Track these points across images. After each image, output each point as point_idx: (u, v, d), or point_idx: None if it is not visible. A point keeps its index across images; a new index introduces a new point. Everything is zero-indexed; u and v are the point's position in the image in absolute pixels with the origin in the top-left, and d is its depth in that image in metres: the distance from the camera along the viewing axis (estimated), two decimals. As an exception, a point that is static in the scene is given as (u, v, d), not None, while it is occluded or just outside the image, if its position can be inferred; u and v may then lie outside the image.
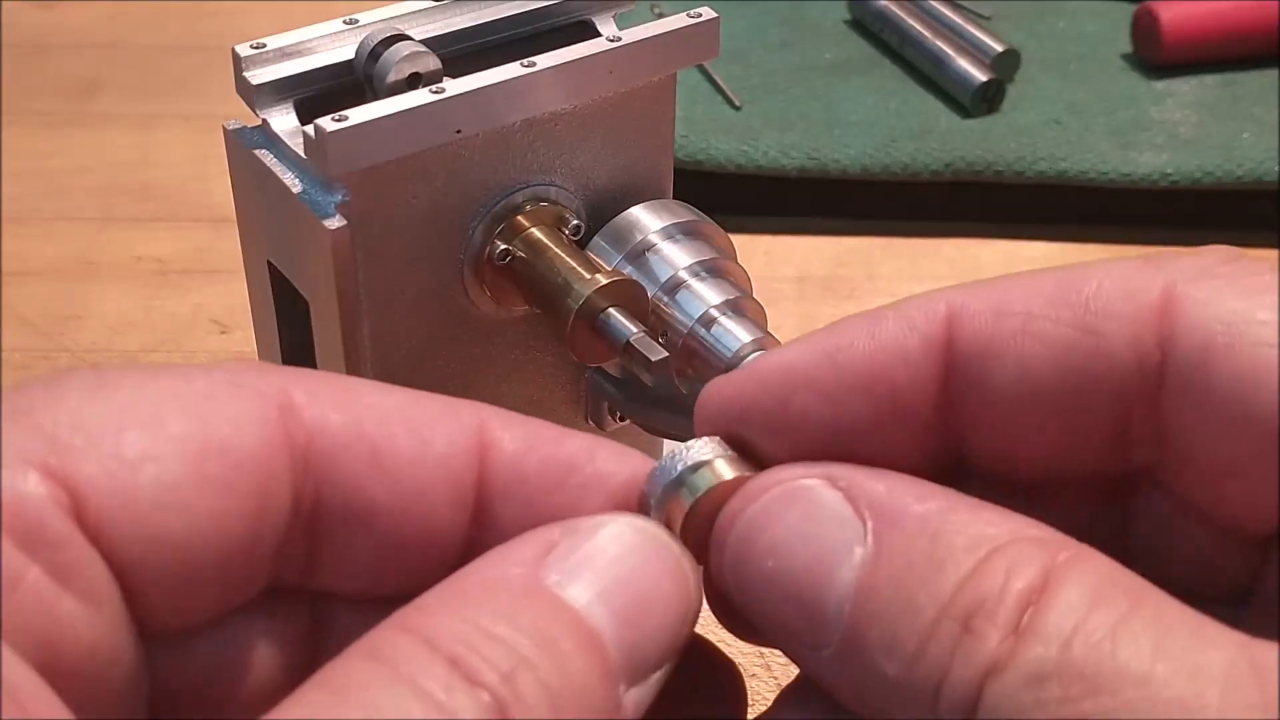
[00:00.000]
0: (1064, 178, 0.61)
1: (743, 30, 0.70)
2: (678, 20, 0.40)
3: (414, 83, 0.38)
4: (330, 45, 0.39)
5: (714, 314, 0.40)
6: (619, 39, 0.39)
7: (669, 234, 0.41)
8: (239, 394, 0.24)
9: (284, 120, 0.38)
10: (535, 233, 0.39)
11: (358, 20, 0.39)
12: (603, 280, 0.38)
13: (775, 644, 0.25)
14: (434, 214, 0.38)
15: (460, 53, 0.40)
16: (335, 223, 0.36)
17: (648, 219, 0.41)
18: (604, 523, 0.24)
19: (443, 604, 0.23)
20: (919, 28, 0.68)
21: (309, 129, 0.35)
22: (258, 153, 0.38)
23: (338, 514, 0.25)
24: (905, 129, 0.63)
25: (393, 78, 0.38)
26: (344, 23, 0.39)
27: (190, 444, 0.23)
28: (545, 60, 0.38)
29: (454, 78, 0.37)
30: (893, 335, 0.25)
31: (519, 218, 0.40)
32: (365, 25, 0.39)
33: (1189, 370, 0.23)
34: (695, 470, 0.25)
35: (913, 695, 0.22)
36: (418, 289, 0.39)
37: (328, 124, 0.35)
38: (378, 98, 0.37)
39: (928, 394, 0.25)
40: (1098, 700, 0.21)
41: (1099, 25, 0.72)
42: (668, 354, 0.38)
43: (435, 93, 0.36)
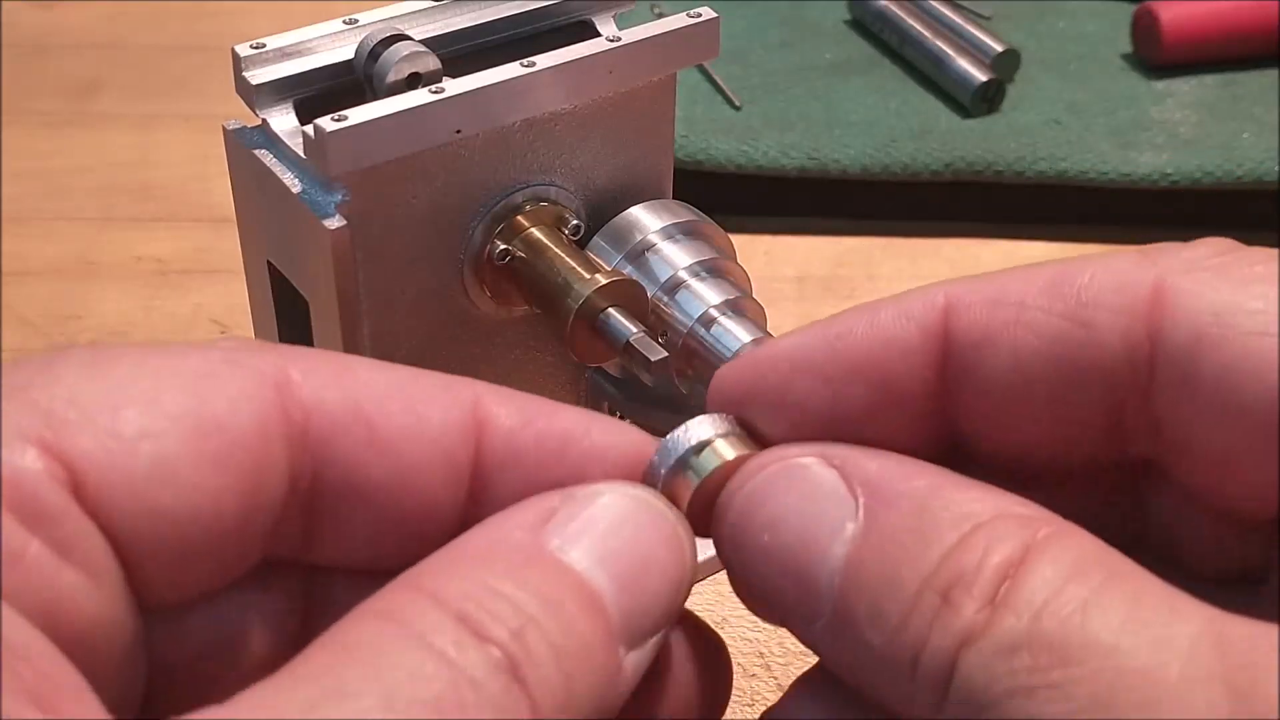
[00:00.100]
0: (1064, 178, 0.61)
1: (743, 30, 0.70)
2: (678, 20, 0.40)
3: (414, 83, 0.38)
4: (330, 45, 0.39)
5: (714, 314, 0.40)
6: (619, 39, 0.39)
7: (669, 234, 0.41)
8: (236, 372, 0.24)
9: (284, 120, 0.38)
10: (535, 233, 0.39)
11: (357, 20, 0.39)
12: (603, 280, 0.38)
13: (775, 618, 0.25)
14: (434, 214, 0.38)
15: (460, 53, 0.40)
16: (335, 223, 0.36)
17: (648, 219, 0.41)
18: (601, 490, 0.25)
19: (449, 565, 0.23)
20: (919, 28, 0.68)
21: (309, 129, 0.35)
22: (258, 153, 0.38)
23: (335, 490, 0.25)
24: (905, 129, 0.63)
25: (392, 78, 0.38)
26: (344, 23, 0.39)
27: (187, 421, 0.23)
28: (545, 60, 0.38)
29: (454, 78, 0.37)
30: (891, 324, 0.26)
31: (519, 218, 0.40)
32: (365, 25, 0.39)
33: (1180, 362, 0.24)
34: (699, 449, 0.26)
35: (894, 665, 0.23)
36: (418, 289, 0.39)
37: (327, 124, 0.35)
38: (378, 98, 0.37)
39: (924, 382, 0.26)
40: (1065, 670, 0.21)
41: (1099, 25, 0.72)
42: (668, 354, 0.38)
43: (435, 93, 0.36)
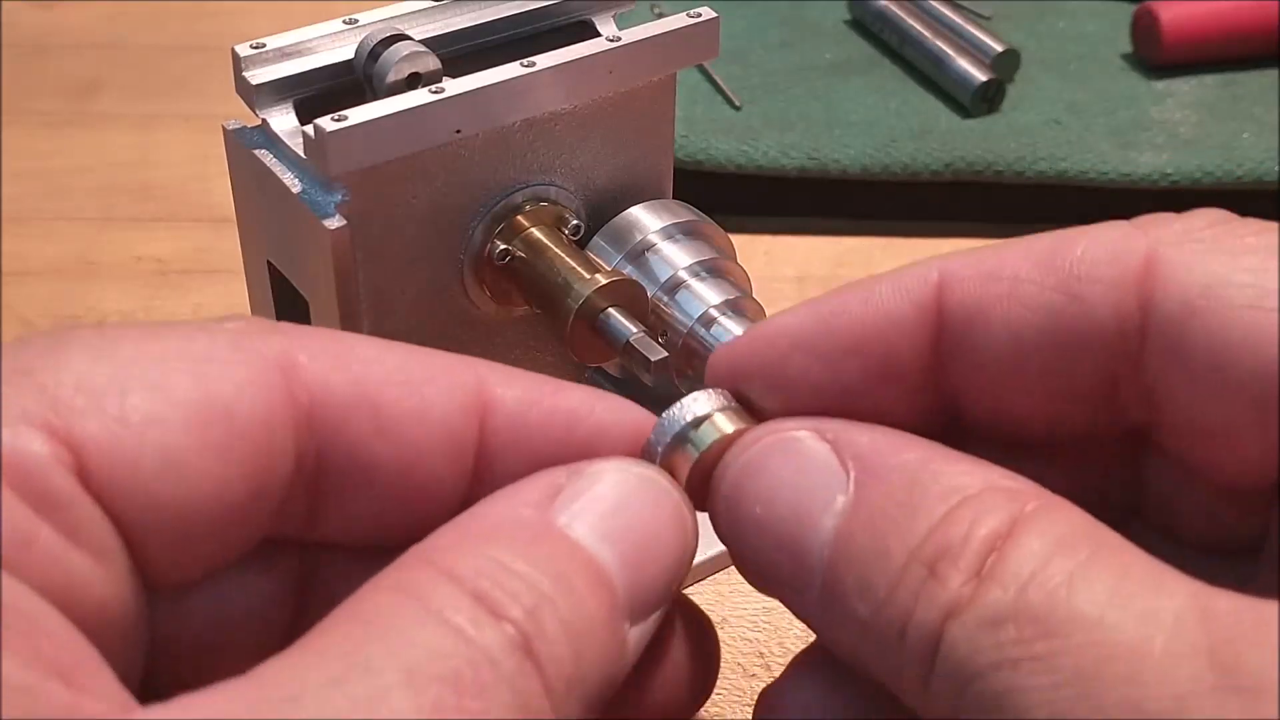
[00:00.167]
0: (1064, 178, 0.61)
1: (743, 30, 0.70)
2: (678, 20, 0.40)
3: (414, 83, 0.38)
4: (330, 45, 0.39)
5: (714, 314, 0.40)
6: (619, 39, 0.39)
7: (669, 234, 0.41)
8: (241, 357, 0.24)
9: (284, 120, 0.38)
10: (535, 233, 0.39)
11: (357, 20, 0.39)
12: (603, 280, 0.38)
13: (769, 589, 0.26)
14: (434, 214, 0.38)
15: (460, 53, 0.40)
16: (335, 223, 0.36)
17: (648, 219, 0.41)
18: (606, 468, 0.25)
19: (461, 541, 0.23)
20: (919, 28, 0.68)
21: (309, 129, 0.35)
22: (258, 153, 0.38)
23: (340, 472, 0.25)
24: (905, 129, 0.63)
25: (392, 78, 0.38)
26: (344, 23, 0.39)
27: (193, 408, 0.23)
28: (545, 60, 0.38)
29: (454, 78, 0.37)
30: (886, 300, 0.26)
31: (519, 218, 0.40)
32: (365, 25, 0.39)
33: (1170, 334, 0.24)
34: (698, 424, 0.27)
35: (882, 636, 0.23)
36: (418, 289, 0.39)
37: (327, 124, 0.35)
38: (378, 98, 0.37)
39: (919, 356, 0.26)
40: (1049, 643, 0.21)
41: (1099, 25, 0.72)
42: (668, 354, 0.38)
43: (435, 93, 0.36)
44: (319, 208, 0.36)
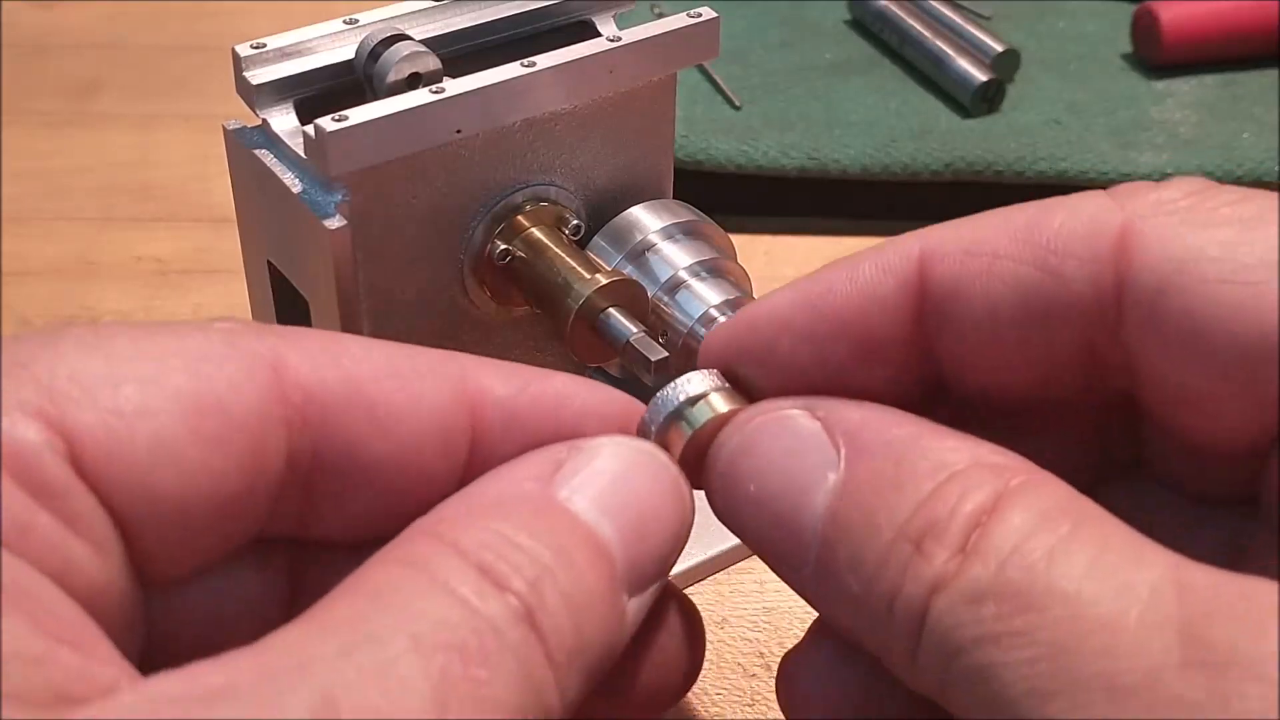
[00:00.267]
0: (1064, 178, 0.61)
1: (743, 30, 0.70)
2: (678, 20, 0.40)
3: (414, 83, 0.38)
4: (330, 45, 0.39)
5: (714, 314, 0.40)
6: (619, 39, 0.39)
7: (669, 234, 0.41)
8: (234, 353, 0.24)
9: (284, 120, 0.38)
10: (535, 233, 0.39)
11: (358, 20, 0.39)
12: (603, 280, 0.38)
13: (767, 563, 0.26)
14: (434, 214, 0.38)
15: (460, 53, 0.40)
16: (335, 223, 0.36)
17: (648, 219, 0.41)
18: (605, 443, 0.26)
19: (465, 515, 0.24)
20: (919, 28, 0.68)
21: (309, 129, 0.35)
22: (258, 153, 0.38)
23: (335, 468, 0.25)
24: (905, 129, 0.63)
25: (393, 78, 0.38)
26: (344, 23, 0.39)
27: (187, 401, 0.23)
28: (545, 60, 0.38)
29: (454, 78, 0.37)
30: (870, 279, 0.26)
31: (519, 218, 0.40)
32: (365, 25, 0.39)
33: (1144, 308, 0.24)
34: (693, 402, 0.27)
35: (872, 611, 0.24)
36: (418, 289, 0.39)
37: (328, 124, 0.35)
38: (378, 98, 0.37)
39: (904, 333, 0.26)
40: (1027, 618, 0.21)
41: (1099, 25, 0.72)
42: (668, 354, 0.38)
43: (435, 93, 0.36)
44: (319, 208, 0.36)
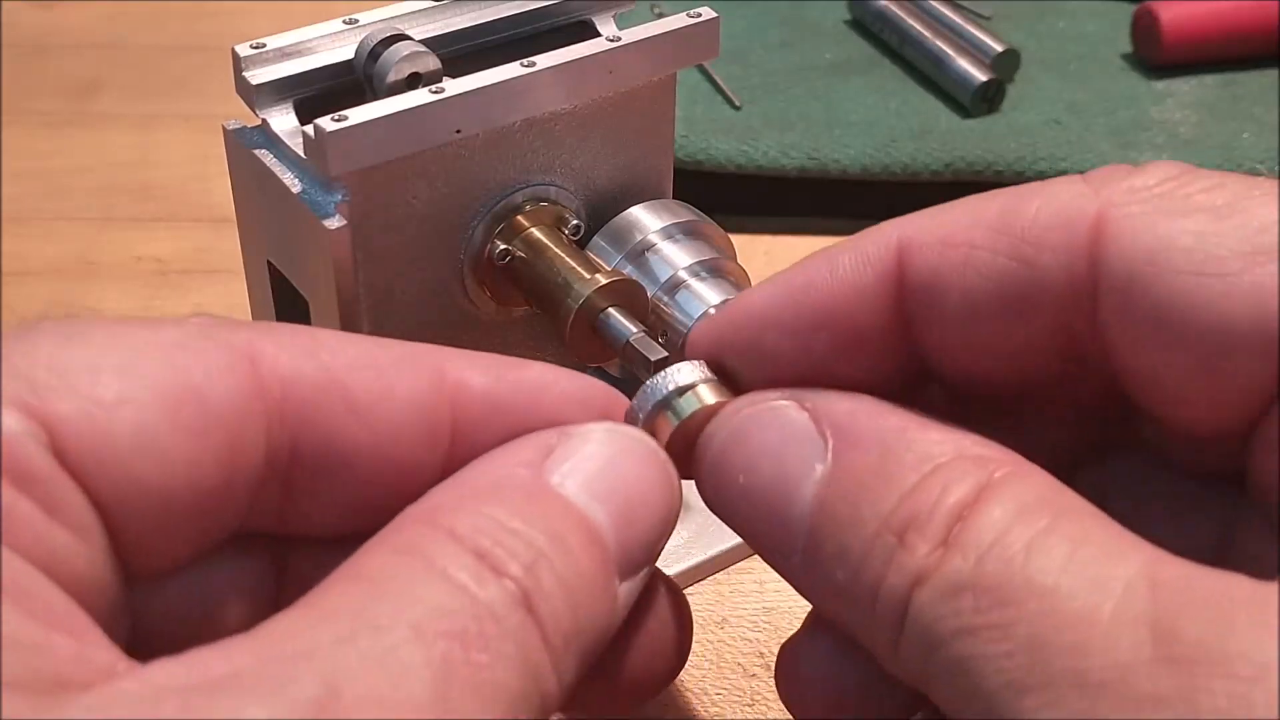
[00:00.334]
0: (1064, 178, 0.61)
1: (743, 30, 0.70)
2: (678, 20, 0.40)
3: (414, 83, 0.38)
4: (330, 45, 0.39)
5: (713, 314, 0.40)
6: (619, 39, 0.39)
7: (669, 234, 0.41)
8: (211, 345, 0.24)
9: (284, 120, 0.38)
10: (535, 233, 0.39)
11: (358, 20, 0.39)
12: (603, 280, 0.38)
13: (759, 553, 0.27)
14: (434, 214, 0.38)
15: (460, 53, 0.40)
16: (335, 223, 0.36)
17: (648, 219, 0.41)
18: (595, 429, 0.26)
19: (459, 501, 0.24)
20: (919, 28, 0.68)
21: (309, 129, 0.35)
22: (258, 153, 0.38)
23: (315, 460, 0.25)
24: (905, 129, 0.63)
25: (393, 78, 0.38)
26: (344, 23, 0.39)
27: (165, 390, 0.23)
28: (545, 60, 0.38)
29: (454, 78, 0.37)
30: (849, 272, 0.27)
31: (519, 218, 0.40)
32: (365, 25, 0.39)
33: (1118, 298, 0.24)
34: (681, 393, 0.28)
35: (856, 601, 0.24)
36: (418, 289, 0.39)
37: (328, 124, 0.35)
38: (378, 98, 0.37)
39: (885, 323, 0.27)
40: (1004, 611, 0.22)
41: (1099, 25, 0.72)
42: (668, 354, 0.38)
43: (435, 93, 0.36)
44: (319, 208, 0.36)
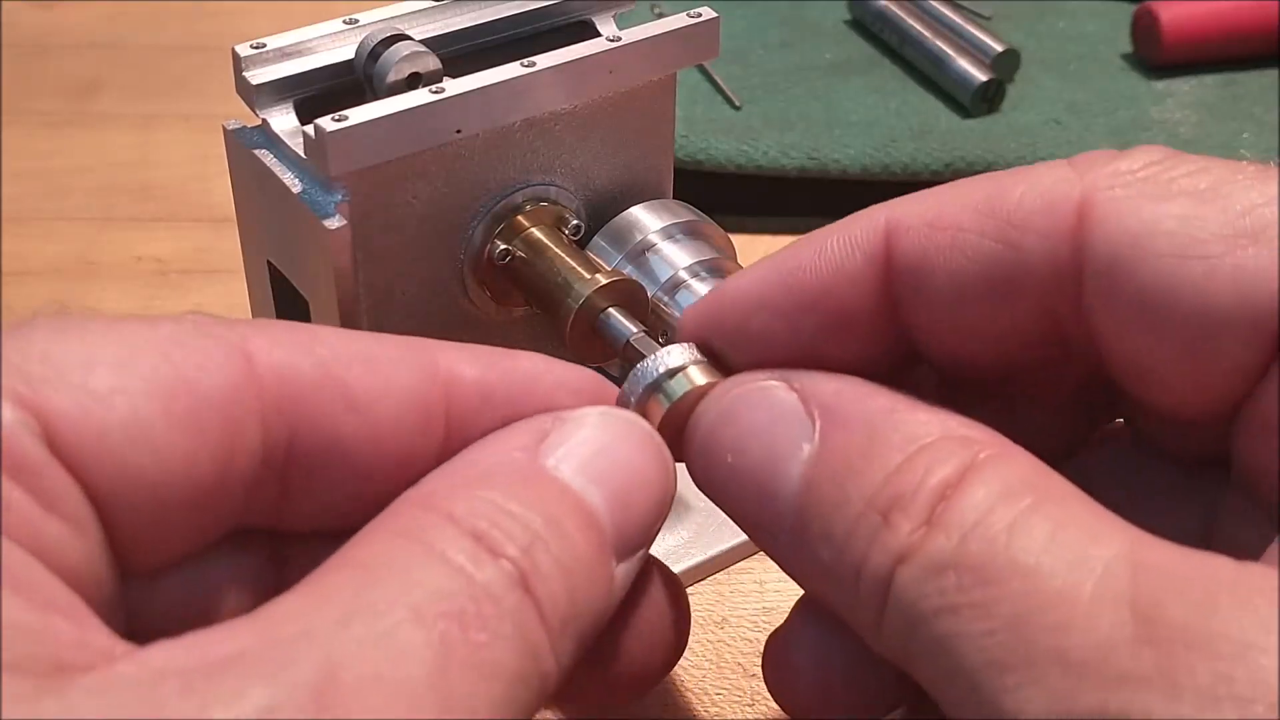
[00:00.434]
0: (1064, 178, 0.61)
1: (743, 30, 0.70)
2: (678, 20, 0.40)
3: (414, 83, 0.38)
4: (330, 45, 0.39)
5: (714, 314, 0.40)
6: (619, 39, 0.39)
7: (669, 234, 0.41)
8: (205, 340, 0.24)
9: (284, 120, 0.38)
10: (535, 233, 0.39)
11: (358, 20, 0.39)
12: (603, 280, 0.38)
13: (748, 534, 0.27)
14: (434, 214, 0.38)
15: (460, 53, 0.40)
16: (335, 223, 0.36)
17: (648, 219, 0.41)
18: (590, 413, 0.26)
19: (456, 485, 0.24)
20: (919, 28, 0.68)
21: (309, 129, 0.35)
22: (258, 153, 0.38)
23: (311, 453, 0.25)
24: (905, 129, 0.63)
25: (393, 78, 0.38)
26: (344, 23, 0.39)
27: (159, 382, 0.23)
28: (545, 60, 0.38)
29: (454, 78, 0.37)
30: (837, 254, 0.27)
31: (519, 218, 0.40)
32: (365, 25, 0.39)
33: (1101, 282, 0.24)
34: (671, 375, 0.28)
35: (841, 580, 0.24)
36: (418, 289, 0.39)
37: (328, 124, 0.35)
38: (378, 98, 0.37)
39: (872, 305, 0.27)
40: (986, 590, 0.22)
41: (1099, 25, 0.72)
42: (668, 354, 0.38)
43: (435, 93, 0.36)
44: (319, 208, 0.36)
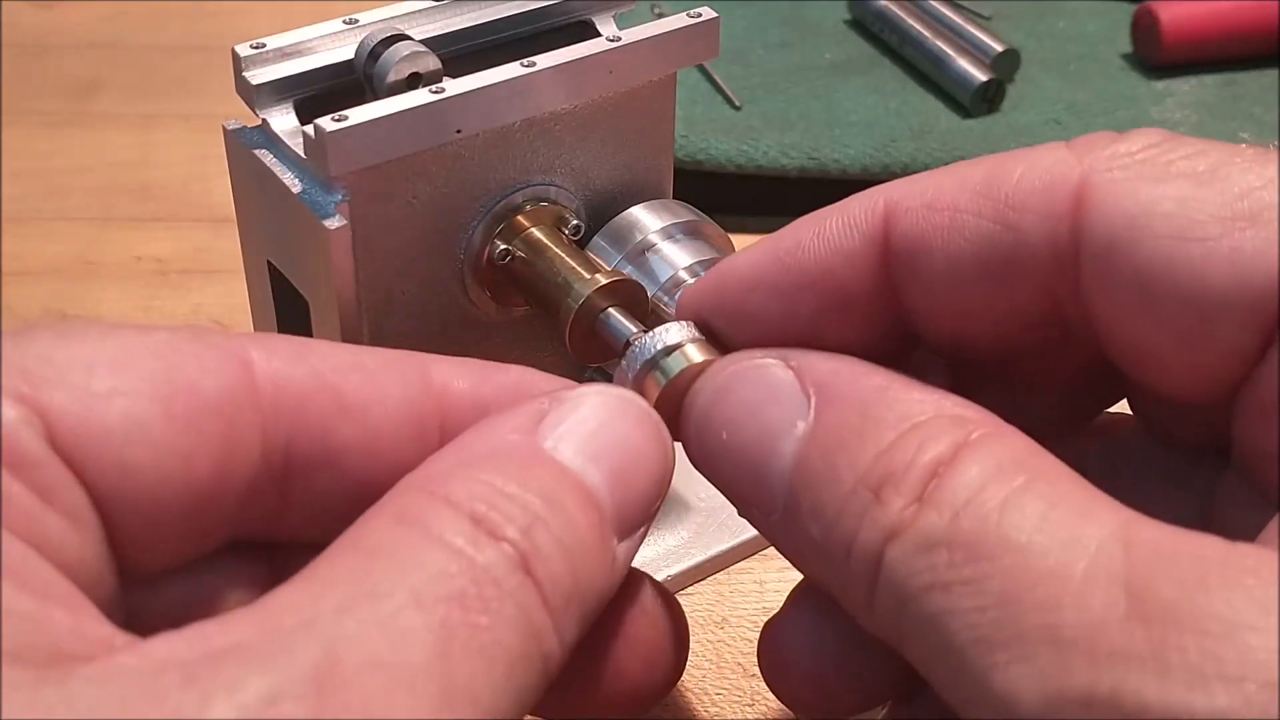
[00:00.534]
0: (1064, 178, 0.61)
1: (743, 30, 0.70)
2: (678, 20, 0.40)
3: (414, 83, 0.38)
4: (330, 45, 0.39)
5: (714, 314, 0.40)
6: (619, 39, 0.39)
7: (669, 234, 0.41)
8: (204, 346, 0.25)
9: (284, 120, 0.38)
10: (535, 233, 0.39)
11: (358, 20, 0.39)
12: (603, 280, 0.38)
13: (742, 512, 0.27)
14: (434, 214, 0.38)
15: (460, 53, 0.40)
16: (335, 223, 0.36)
17: (648, 219, 0.41)
18: (587, 392, 0.26)
19: (454, 469, 0.24)
20: (919, 28, 0.68)
21: (309, 129, 0.35)
22: (258, 153, 0.38)
23: (308, 460, 0.26)
24: (905, 129, 0.63)
25: (393, 78, 0.38)
26: (344, 23, 0.39)
27: (159, 384, 0.23)
28: (545, 60, 0.38)
29: (454, 78, 0.37)
30: (836, 235, 0.27)
31: (519, 218, 0.40)
32: (365, 25, 0.39)
33: (1099, 264, 0.24)
34: (669, 352, 0.28)
35: (831, 558, 0.24)
36: (418, 289, 0.39)
37: (328, 124, 0.35)
38: (378, 98, 0.37)
39: (871, 286, 0.27)
40: (977, 567, 0.22)
41: (1099, 25, 0.72)
42: (668, 354, 0.38)
43: (435, 93, 0.36)
44: (319, 208, 0.36)
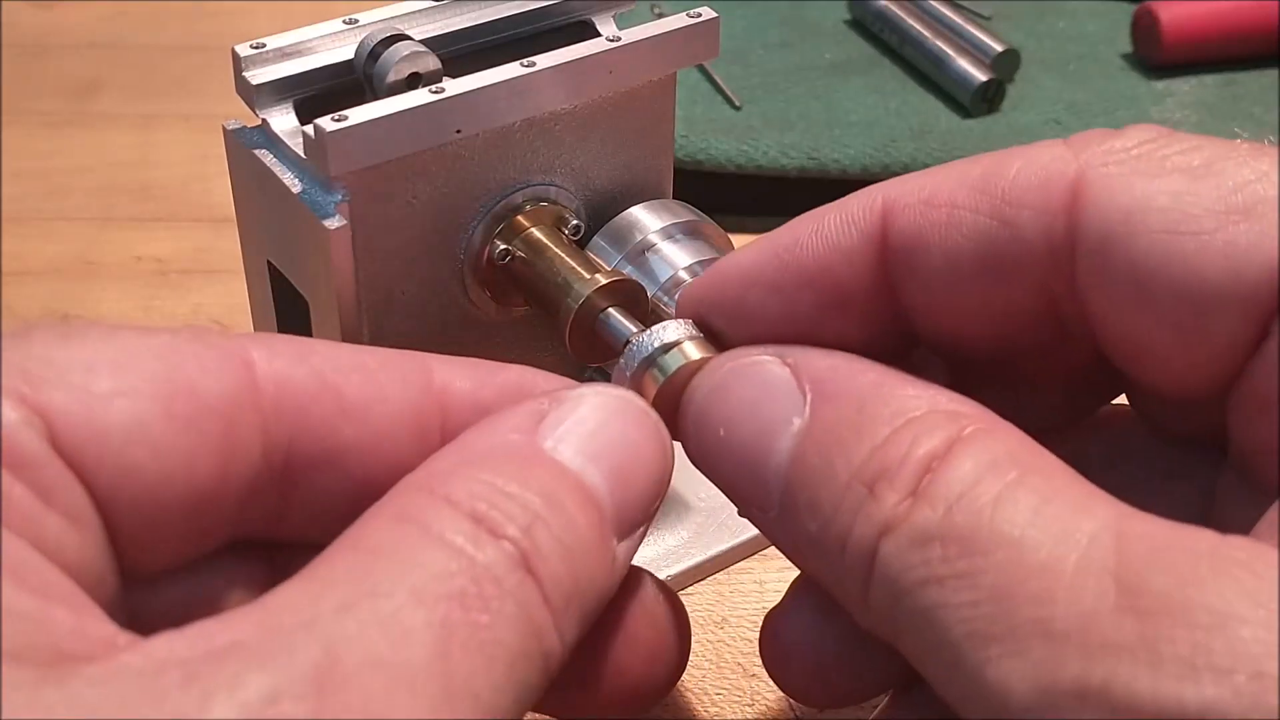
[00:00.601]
0: (1064, 178, 0.61)
1: (743, 30, 0.70)
2: (678, 20, 0.40)
3: (414, 83, 0.38)
4: (330, 45, 0.39)
5: (714, 314, 0.40)
6: (619, 39, 0.39)
7: (669, 234, 0.41)
8: (205, 347, 0.25)
9: (284, 120, 0.38)
10: (535, 233, 0.39)
11: (358, 20, 0.39)
12: (603, 280, 0.38)
13: (740, 509, 0.27)
14: (434, 214, 0.38)
15: (460, 53, 0.40)
16: (335, 223, 0.36)
17: (648, 219, 0.41)
18: (586, 392, 0.27)
19: (454, 468, 0.24)
20: (919, 28, 0.68)
21: (309, 129, 0.35)
22: (258, 153, 0.38)
23: (309, 460, 0.26)
24: (905, 129, 0.63)
25: (392, 78, 0.38)
26: (344, 23, 0.39)
27: (159, 384, 0.24)
28: (545, 60, 0.38)
29: (454, 78, 0.37)
30: (834, 232, 0.27)
31: (519, 218, 0.40)
32: (365, 25, 0.39)
33: (1095, 259, 0.25)
34: (666, 350, 0.28)
35: (827, 553, 0.24)
36: (418, 289, 0.39)
37: (328, 124, 0.35)
38: (378, 98, 0.37)
39: (868, 283, 0.27)
40: (971, 561, 0.22)
41: (1099, 25, 0.72)
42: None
43: (435, 93, 0.36)
44: (319, 208, 0.36)
